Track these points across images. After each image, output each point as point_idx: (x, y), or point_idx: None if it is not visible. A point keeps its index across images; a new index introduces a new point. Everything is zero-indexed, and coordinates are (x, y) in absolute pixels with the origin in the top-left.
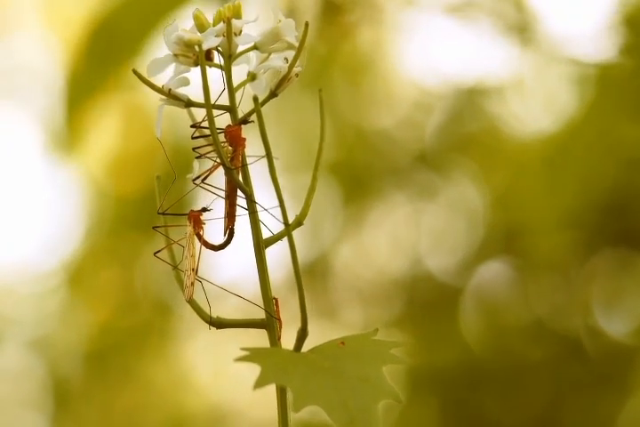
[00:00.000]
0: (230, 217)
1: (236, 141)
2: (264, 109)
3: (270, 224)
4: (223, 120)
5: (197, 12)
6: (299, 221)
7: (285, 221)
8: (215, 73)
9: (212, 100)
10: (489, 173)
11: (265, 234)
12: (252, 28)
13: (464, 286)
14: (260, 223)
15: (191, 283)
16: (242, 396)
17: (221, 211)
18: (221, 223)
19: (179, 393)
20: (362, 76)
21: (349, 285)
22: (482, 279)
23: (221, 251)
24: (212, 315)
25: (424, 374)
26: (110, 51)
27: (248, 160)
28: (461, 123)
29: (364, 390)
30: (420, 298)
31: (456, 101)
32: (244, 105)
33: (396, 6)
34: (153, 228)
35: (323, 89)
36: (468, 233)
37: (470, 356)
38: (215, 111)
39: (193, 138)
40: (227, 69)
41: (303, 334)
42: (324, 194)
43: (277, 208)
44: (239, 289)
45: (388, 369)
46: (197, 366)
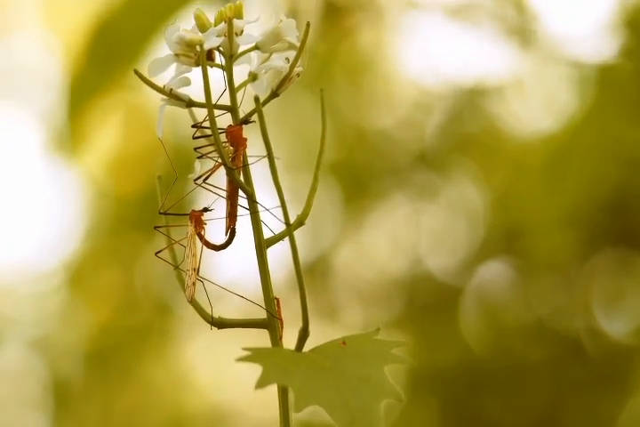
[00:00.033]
0: (232, 217)
1: (238, 141)
2: (265, 109)
3: (272, 224)
4: (224, 120)
5: (198, 12)
6: (300, 221)
7: (287, 221)
8: (216, 73)
9: (213, 100)
10: (489, 173)
11: (266, 234)
12: (253, 28)
13: (464, 286)
14: (262, 223)
15: (192, 283)
16: (242, 396)
17: (223, 211)
18: (223, 223)
19: (179, 393)
20: (362, 77)
21: (350, 285)
22: (482, 279)
23: (223, 251)
24: (214, 315)
25: (424, 374)
26: (113, 52)
27: (249, 160)
28: (461, 123)
29: (365, 389)
30: (421, 298)
31: (456, 101)
32: (245, 105)
33: (397, 7)
34: (154, 228)
35: (323, 89)
36: (468, 233)
37: (470, 356)
38: (216, 111)
39: (194, 138)
40: (228, 69)
41: (304, 334)
42: (324, 194)
43: (279, 208)
44: (240, 289)
45: (389, 369)
46: (198, 366)
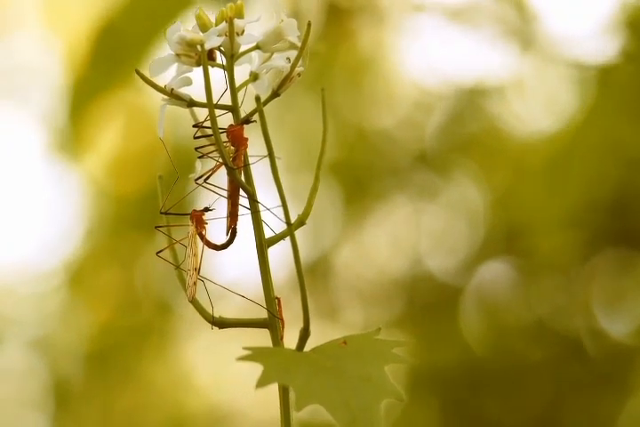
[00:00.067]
0: (232, 217)
1: (239, 141)
2: (266, 109)
3: (273, 224)
4: (225, 120)
5: (199, 12)
6: (301, 221)
7: (288, 221)
8: (217, 73)
9: (214, 100)
10: (489, 173)
11: (267, 233)
12: (254, 27)
13: (465, 286)
14: (263, 223)
15: (194, 282)
16: (243, 396)
17: (224, 210)
18: (224, 223)
19: (179, 393)
20: (363, 77)
21: (350, 285)
22: (482, 279)
23: (224, 250)
24: (215, 314)
25: (424, 374)
26: (115, 52)
27: (250, 160)
28: (462, 123)
29: (366, 389)
30: (421, 298)
31: (457, 102)
32: (246, 105)
33: (398, 8)
34: (155, 227)
35: (324, 89)
36: (468, 233)
37: (471, 356)
38: (217, 111)
39: (195, 138)
40: (229, 69)
41: (305, 334)
42: (324, 194)
43: (279, 208)
44: (241, 289)
45: (389, 368)
46: (198, 366)
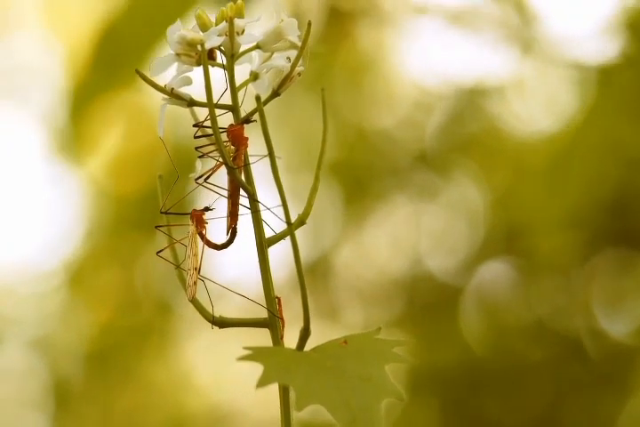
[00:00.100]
0: (233, 216)
1: (239, 141)
2: (266, 109)
3: (273, 223)
4: (226, 119)
5: (200, 12)
6: (301, 221)
7: (288, 221)
8: (218, 72)
9: (214, 100)
10: (490, 173)
11: (267, 233)
12: (254, 27)
13: (465, 286)
14: (263, 222)
15: (194, 282)
16: (243, 396)
17: (224, 210)
18: (224, 222)
19: (180, 393)
20: (363, 77)
21: (350, 285)
22: (482, 279)
23: (224, 250)
24: (215, 314)
25: (424, 374)
26: (116, 53)
27: (250, 159)
28: (462, 123)
29: (366, 388)
30: (421, 298)
31: (457, 102)
32: (246, 104)
33: (399, 10)
34: (156, 227)
35: (325, 88)
36: (468, 233)
37: (471, 356)
38: (217, 110)
39: (195, 137)
40: (229, 69)
41: (306, 334)
42: (324, 194)
43: (280, 207)
44: (242, 288)
45: (390, 368)
46: (198, 366)
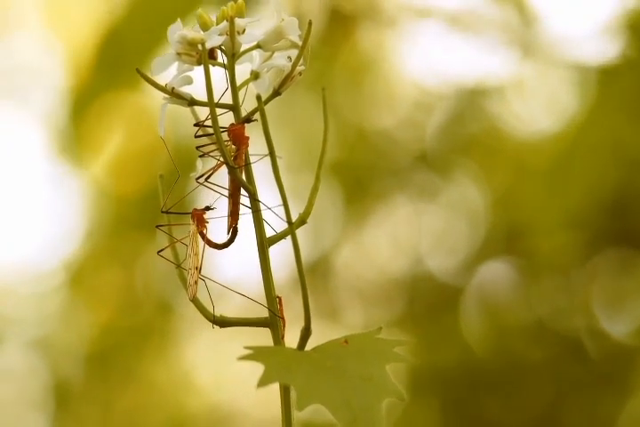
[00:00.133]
0: (234, 216)
1: (240, 140)
2: (267, 108)
3: (274, 223)
4: (226, 119)
5: (200, 11)
6: (302, 220)
7: (289, 220)
8: (218, 72)
9: (215, 99)
10: (490, 173)
11: (268, 232)
12: (255, 26)
13: (465, 286)
14: (264, 222)
15: (195, 281)
16: (244, 396)
17: (225, 209)
18: (225, 222)
19: (180, 393)
20: (364, 77)
21: (350, 285)
22: (483, 280)
23: (225, 249)
24: (216, 313)
25: (425, 374)
26: (117, 54)
27: (251, 159)
28: (463, 123)
29: (367, 388)
30: (421, 298)
31: (457, 102)
32: (247, 104)
33: (399, 11)
34: (156, 226)
35: (325, 88)
36: (469, 233)
37: (471, 356)
38: (218, 110)
39: (196, 137)
40: (230, 68)
41: (306, 333)
42: (325, 194)
43: (280, 207)
44: (243, 288)
45: (391, 368)
46: (199, 365)
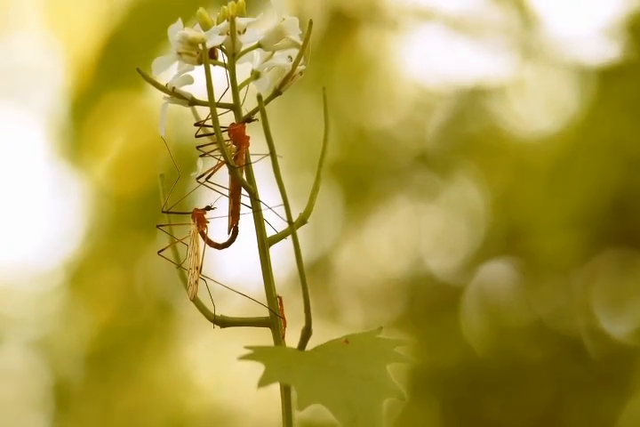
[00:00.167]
0: (234, 215)
1: (240, 140)
2: (267, 108)
3: (274, 222)
4: (227, 118)
5: (201, 11)
6: (302, 220)
7: (289, 220)
8: (219, 71)
9: (215, 99)
10: (490, 173)
11: (269, 232)
12: (256, 26)
13: (465, 286)
14: (264, 221)
15: (195, 281)
16: (244, 395)
17: (225, 209)
18: (225, 222)
19: (180, 393)
20: (364, 77)
21: (351, 285)
22: (483, 280)
23: (225, 249)
24: (216, 313)
25: (425, 374)
26: (118, 55)
27: (252, 158)
28: (463, 123)
29: (367, 388)
30: (422, 298)
31: (457, 102)
32: (247, 103)
33: (400, 10)
34: (157, 226)
35: (326, 88)
36: (469, 234)
37: (471, 356)
38: (219, 109)
39: (197, 136)
40: (230, 68)
41: (307, 333)
42: (325, 194)
43: (281, 206)
44: (243, 288)
45: (391, 368)
46: (199, 365)
